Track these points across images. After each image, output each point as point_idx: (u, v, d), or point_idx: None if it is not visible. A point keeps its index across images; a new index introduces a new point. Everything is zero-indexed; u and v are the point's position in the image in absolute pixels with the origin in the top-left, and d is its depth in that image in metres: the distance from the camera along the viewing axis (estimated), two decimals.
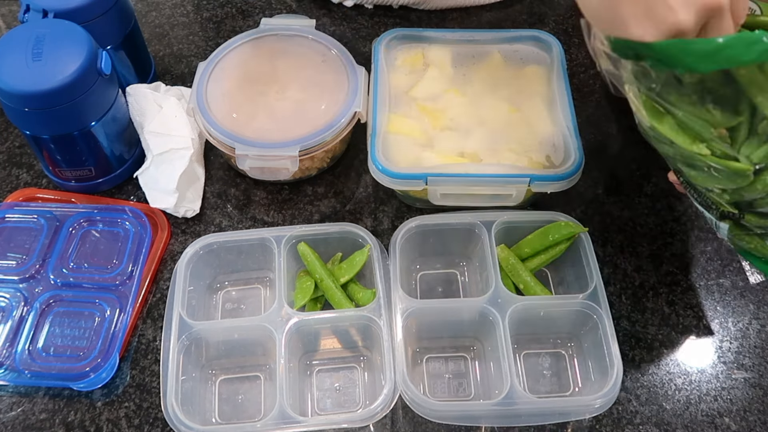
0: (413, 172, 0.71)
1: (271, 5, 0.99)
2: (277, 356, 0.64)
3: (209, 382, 0.69)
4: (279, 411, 0.61)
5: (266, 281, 0.74)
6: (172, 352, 0.64)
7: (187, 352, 0.66)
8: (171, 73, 0.92)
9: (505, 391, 0.62)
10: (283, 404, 0.61)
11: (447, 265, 0.76)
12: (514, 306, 0.66)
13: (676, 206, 0.80)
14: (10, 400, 0.67)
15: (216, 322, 0.70)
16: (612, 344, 0.64)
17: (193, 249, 0.70)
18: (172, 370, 0.64)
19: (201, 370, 0.69)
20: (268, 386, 0.68)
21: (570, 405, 0.65)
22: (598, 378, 0.65)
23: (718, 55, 0.48)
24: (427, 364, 0.70)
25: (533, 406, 0.62)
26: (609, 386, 0.62)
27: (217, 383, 0.69)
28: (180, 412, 0.61)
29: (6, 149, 0.85)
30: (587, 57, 0.93)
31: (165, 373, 0.64)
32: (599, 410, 0.62)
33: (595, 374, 0.67)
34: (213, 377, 0.69)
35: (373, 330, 0.66)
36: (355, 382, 0.69)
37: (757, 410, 0.66)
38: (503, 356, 0.63)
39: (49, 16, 0.74)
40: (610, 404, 0.62)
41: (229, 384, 0.69)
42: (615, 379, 0.62)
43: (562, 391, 0.68)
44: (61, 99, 0.69)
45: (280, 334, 0.65)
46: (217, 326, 0.69)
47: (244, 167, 0.75)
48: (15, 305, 0.70)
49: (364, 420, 0.62)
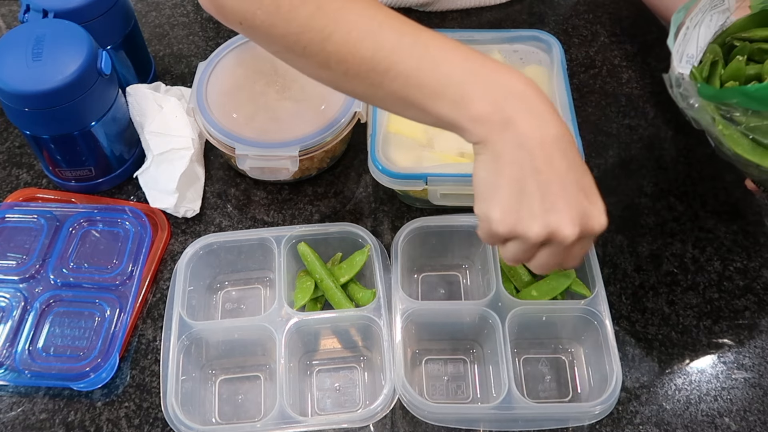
0: (413, 172, 0.71)
1: None
2: (277, 356, 0.64)
3: (209, 382, 0.69)
4: (279, 411, 0.61)
5: (266, 281, 0.74)
6: (172, 352, 0.64)
7: (187, 352, 0.66)
8: (171, 73, 0.92)
9: (502, 395, 0.61)
10: (283, 404, 0.61)
11: (449, 267, 0.76)
12: (514, 310, 0.66)
13: (676, 206, 0.80)
14: (10, 400, 0.67)
15: (216, 322, 0.70)
16: (612, 351, 0.63)
17: (193, 249, 0.70)
18: (172, 370, 0.64)
19: (201, 370, 0.69)
20: (268, 386, 0.68)
21: (568, 411, 0.65)
22: (597, 385, 0.65)
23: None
24: (426, 366, 0.70)
25: (530, 411, 0.62)
26: (607, 393, 0.61)
27: (217, 383, 0.69)
28: (180, 412, 0.61)
29: (6, 149, 0.85)
30: (587, 57, 0.93)
31: (165, 373, 0.64)
32: (598, 417, 0.62)
33: (594, 381, 0.67)
34: (213, 377, 0.69)
35: (373, 330, 0.66)
36: (355, 382, 0.69)
37: (757, 410, 0.66)
38: (502, 360, 0.63)
39: (49, 16, 0.74)
40: (608, 411, 0.62)
41: (229, 384, 0.69)
42: (614, 387, 0.62)
43: (561, 396, 0.68)
44: (61, 99, 0.69)
45: (280, 334, 0.65)
46: (217, 326, 0.69)
47: (244, 167, 0.75)
48: (15, 305, 0.70)
49: (364, 420, 0.62)
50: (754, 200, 0.80)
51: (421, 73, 0.53)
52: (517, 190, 0.52)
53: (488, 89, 0.52)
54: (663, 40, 0.96)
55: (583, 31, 0.96)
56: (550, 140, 0.52)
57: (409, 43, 0.53)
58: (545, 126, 0.52)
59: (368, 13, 0.54)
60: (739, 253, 0.76)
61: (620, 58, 0.94)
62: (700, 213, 0.79)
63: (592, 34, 0.96)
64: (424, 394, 0.68)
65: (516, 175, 0.52)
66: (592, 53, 0.94)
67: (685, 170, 0.83)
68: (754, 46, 0.65)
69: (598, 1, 1.00)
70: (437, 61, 0.53)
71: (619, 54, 0.94)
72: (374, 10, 0.54)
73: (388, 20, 0.54)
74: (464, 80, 0.52)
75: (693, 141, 0.85)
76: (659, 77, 0.92)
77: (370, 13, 0.54)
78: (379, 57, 0.53)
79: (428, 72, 0.53)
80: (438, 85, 0.53)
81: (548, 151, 0.52)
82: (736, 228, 0.78)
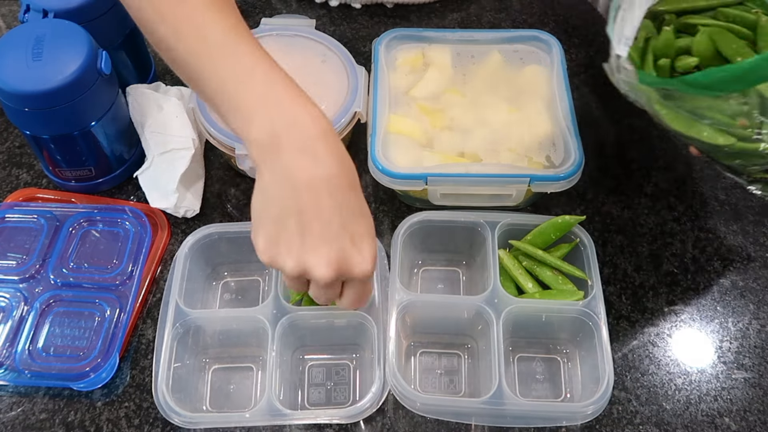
0: (413, 172, 0.71)
1: (271, 5, 0.99)
2: (269, 349, 0.64)
3: (202, 371, 0.69)
4: (267, 404, 0.62)
5: (265, 274, 0.74)
6: (166, 338, 0.65)
7: (181, 339, 0.66)
8: (171, 73, 0.91)
9: (492, 390, 0.62)
10: (271, 397, 0.62)
11: (450, 263, 0.76)
12: (510, 307, 0.66)
13: (676, 206, 0.80)
14: (10, 400, 0.67)
15: (211, 312, 0.71)
16: (606, 354, 0.63)
17: (193, 238, 0.71)
18: (164, 356, 0.64)
19: (195, 358, 0.69)
20: (260, 378, 0.69)
21: (558, 410, 0.65)
22: (589, 386, 0.65)
23: (746, 78, 0.52)
24: (420, 359, 0.70)
25: (520, 407, 0.62)
26: (599, 394, 0.61)
27: (210, 372, 0.69)
28: (170, 398, 0.62)
29: (6, 149, 0.85)
30: (587, 57, 0.93)
31: (158, 358, 0.64)
32: (590, 417, 0.62)
33: (585, 382, 0.67)
34: (207, 366, 0.70)
35: (367, 328, 0.67)
36: (346, 379, 0.69)
37: (757, 410, 0.66)
38: (494, 356, 0.63)
39: (49, 16, 0.74)
40: (599, 412, 0.62)
41: (222, 373, 0.69)
42: (605, 388, 0.62)
43: (554, 396, 0.68)
44: (61, 99, 0.69)
45: (273, 327, 0.65)
46: (212, 315, 0.69)
47: (244, 167, 0.75)
48: (15, 305, 0.70)
49: (351, 417, 0.63)
50: (754, 200, 0.80)
51: (225, 88, 0.56)
52: (280, 226, 0.55)
53: (272, 119, 0.54)
54: None
55: (583, 31, 0.96)
56: (319, 181, 0.54)
57: (225, 56, 0.56)
58: (316, 166, 0.54)
59: (199, 13, 0.56)
60: (739, 253, 0.76)
61: None
62: (700, 213, 0.79)
63: (592, 34, 0.96)
64: (417, 387, 0.68)
65: (279, 212, 0.55)
66: (592, 53, 0.94)
67: (685, 170, 0.83)
68: (682, 20, 0.67)
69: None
70: (241, 81, 0.56)
71: None
72: (210, 13, 0.57)
73: (215, 25, 0.57)
74: (255, 105, 0.55)
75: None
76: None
77: (201, 12, 0.56)
78: (194, 61, 0.57)
79: (231, 88, 0.56)
80: (234, 102, 0.56)
81: (315, 191, 0.54)
82: (736, 228, 0.78)
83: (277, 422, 0.62)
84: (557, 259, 0.70)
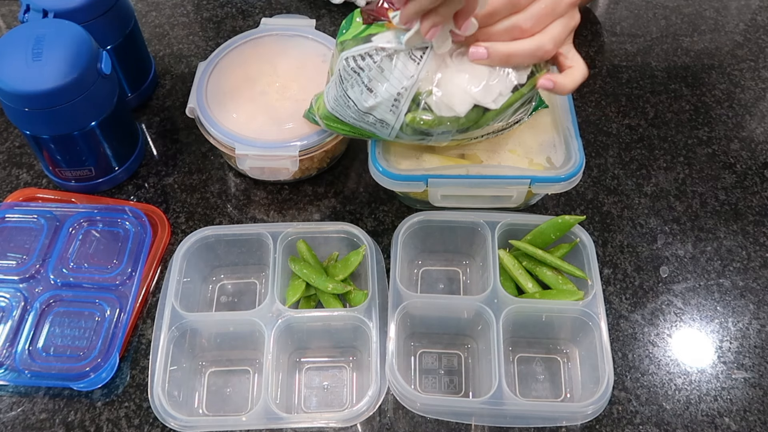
0: (414, 173, 0.71)
1: (271, 5, 0.99)
2: (265, 352, 0.64)
3: (199, 374, 0.69)
4: (263, 407, 0.61)
5: (263, 276, 0.74)
6: (162, 341, 0.65)
7: (177, 342, 0.66)
8: (171, 73, 0.92)
9: (492, 390, 0.62)
10: (267, 400, 0.62)
11: (450, 263, 0.76)
12: (509, 308, 0.66)
13: (676, 206, 0.80)
14: (10, 400, 0.67)
15: (207, 315, 0.71)
16: (606, 354, 0.63)
17: (189, 241, 0.70)
18: (160, 359, 0.64)
19: (191, 361, 0.69)
20: (257, 381, 0.69)
21: (558, 410, 0.65)
22: (589, 386, 0.65)
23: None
24: (420, 359, 0.70)
25: (519, 407, 0.62)
26: (598, 394, 0.61)
27: (207, 375, 0.69)
28: (166, 401, 0.62)
29: (6, 149, 0.85)
30: (587, 57, 0.93)
31: (154, 361, 0.64)
32: (589, 417, 0.62)
33: (585, 382, 0.67)
34: (203, 369, 0.70)
35: (364, 331, 0.66)
36: (343, 382, 0.69)
37: (757, 410, 0.67)
38: (494, 356, 0.63)
39: (49, 16, 0.74)
40: (599, 412, 0.62)
41: (218, 376, 0.69)
42: (605, 388, 0.62)
43: (554, 396, 0.68)
44: (61, 99, 0.69)
45: (269, 330, 0.65)
46: (208, 318, 0.69)
47: (244, 167, 0.75)
48: (15, 305, 0.70)
49: (348, 420, 0.62)
50: (754, 200, 0.80)
51: None
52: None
53: None
54: (663, 40, 0.96)
55: (583, 31, 0.96)
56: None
57: None
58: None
59: None
60: (739, 253, 0.76)
61: (620, 58, 0.94)
62: (700, 213, 0.79)
63: (592, 34, 0.96)
64: (417, 387, 0.68)
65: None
66: (592, 53, 0.94)
67: (685, 170, 0.83)
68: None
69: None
70: None
71: (619, 54, 0.94)
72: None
73: None
74: None
75: (693, 141, 0.85)
76: (659, 77, 0.92)
77: None
78: None
79: None
80: None
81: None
82: (736, 228, 0.78)
83: (274, 426, 0.61)
84: (557, 259, 0.70)
